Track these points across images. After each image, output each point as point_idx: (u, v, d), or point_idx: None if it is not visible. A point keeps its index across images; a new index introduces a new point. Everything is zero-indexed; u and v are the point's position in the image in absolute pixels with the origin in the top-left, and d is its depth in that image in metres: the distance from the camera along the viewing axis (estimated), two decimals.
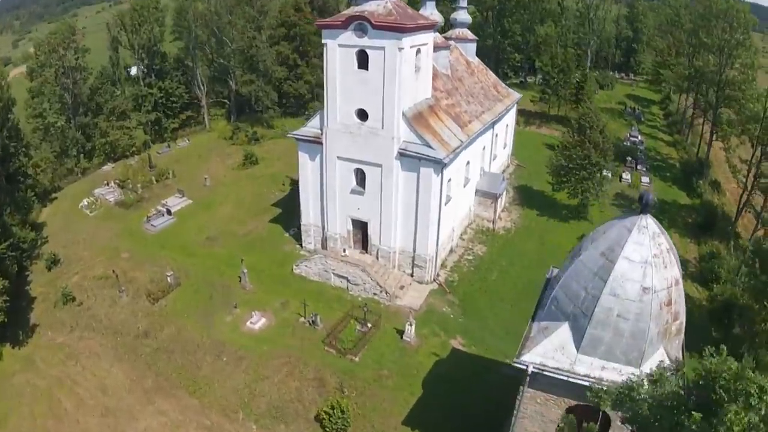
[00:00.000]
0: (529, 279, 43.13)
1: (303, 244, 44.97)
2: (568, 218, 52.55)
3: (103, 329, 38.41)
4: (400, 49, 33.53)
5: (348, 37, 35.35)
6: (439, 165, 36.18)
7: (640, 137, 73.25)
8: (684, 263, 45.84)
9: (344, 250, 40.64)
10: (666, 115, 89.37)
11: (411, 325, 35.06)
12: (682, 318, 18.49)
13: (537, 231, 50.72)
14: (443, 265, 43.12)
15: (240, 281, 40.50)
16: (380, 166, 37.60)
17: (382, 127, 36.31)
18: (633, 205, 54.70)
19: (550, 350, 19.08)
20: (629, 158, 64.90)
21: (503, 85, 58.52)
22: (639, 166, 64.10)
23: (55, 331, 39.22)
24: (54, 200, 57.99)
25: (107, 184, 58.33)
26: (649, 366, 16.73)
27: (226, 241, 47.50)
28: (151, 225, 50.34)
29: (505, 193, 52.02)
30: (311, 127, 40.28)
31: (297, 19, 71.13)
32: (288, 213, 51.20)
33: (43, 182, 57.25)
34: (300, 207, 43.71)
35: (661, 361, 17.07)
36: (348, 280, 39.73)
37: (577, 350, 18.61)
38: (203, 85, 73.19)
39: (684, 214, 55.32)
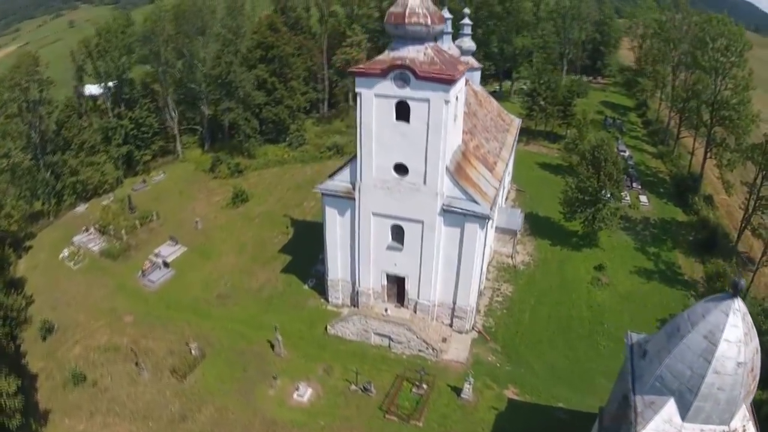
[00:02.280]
0: (559, 316, 46.42)
1: (330, 299, 45.65)
2: (580, 246, 55.69)
3: (129, 414, 37.74)
4: (447, 102, 34.41)
5: (387, 86, 35.29)
6: (484, 220, 37.73)
7: (628, 151, 77.69)
8: (693, 284, 50.49)
9: (386, 310, 41.75)
10: (645, 123, 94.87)
11: (470, 383, 36.66)
12: (758, 376, 22.30)
13: (554, 263, 53.47)
14: (477, 311, 44.84)
15: (273, 348, 40.64)
16: (421, 222, 38.77)
17: (425, 183, 37.30)
18: (639, 226, 58.94)
19: (660, 424, 22.32)
20: (624, 176, 68.72)
21: (505, 111, 60.85)
22: (634, 185, 68.14)
23: (72, 418, 38.28)
24: (29, 249, 55.93)
25: (87, 231, 57.02)
26: (736, 422, 21.88)
27: (241, 298, 47.51)
28: (149, 280, 49.65)
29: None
30: (340, 181, 40.72)
31: (274, 39, 71.02)
32: (300, 261, 51.70)
33: (12, 230, 55.03)
34: (327, 263, 44.24)
35: (745, 416, 22.09)
36: (390, 339, 40.80)
37: (683, 420, 22.12)
38: (174, 112, 71.97)
39: (684, 233, 59.77)
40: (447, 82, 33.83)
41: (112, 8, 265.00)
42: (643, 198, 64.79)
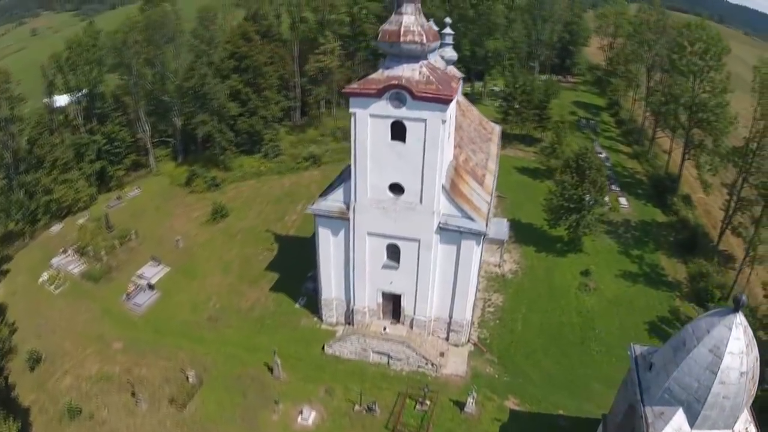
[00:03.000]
0: (551, 324, 48.39)
1: (324, 318, 46.36)
2: (565, 252, 57.79)
3: None
4: (444, 121, 35.33)
5: (382, 106, 35.76)
6: (480, 236, 39.09)
7: (604, 153, 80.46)
8: (677, 285, 53.09)
9: (384, 328, 42.72)
10: (618, 123, 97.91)
11: (474, 397, 38.09)
12: (758, 381, 24.71)
13: (541, 270, 55.38)
14: (471, 322, 46.23)
15: (272, 371, 41.18)
16: (418, 240, 39.78)
17: (421, 202, 38.26)
18: (620, 229, 61.36)
19: (670, 430, 24.47)
20: (607, 182, 70.98)
21: (485, 119, 62.49)
22: (613, 186, 70.76)
23: None
24: (6, 273, 55.01)
25: (65, 252, 56.49)
26: (739, 425, 24.51)
27: (232, 319, 47.88)
28: (135, 304, 49.59)
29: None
30: (334, 201, 41.19)
31: (247, 49, 71.12)
32: (288, 278, 52.27)
33: None
34: (320, 282, 44.78)
35: (747, 419, 25.00)
36: (389, 356, 41.87)
37: (691, 428, 24.43)
38: (147, 125, 71.54)
39: (665, 233, 62.60)
40: (444, 102, 34.70)
41: (73, 15, 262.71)
42: (623, 200, 67.47)
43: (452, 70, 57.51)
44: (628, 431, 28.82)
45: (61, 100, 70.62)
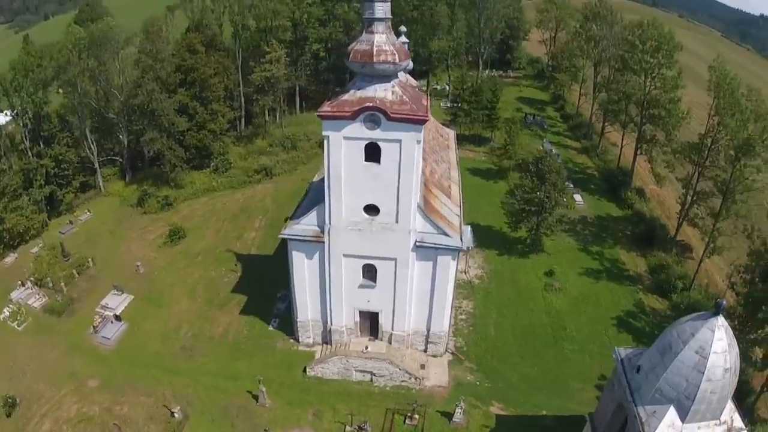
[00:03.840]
0: (522, 327, 50.90)
1: (300, 339, 46.93)
2: (527, 253, 60.43)
3: None
4: (419, 141, 36.54)
5: (356, 128, 36.20)
6: (457, 251, 40.79)
7: (554, 150, 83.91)
8: (639, 278, 56.74)
9: (366, 347, 43.76)
10: (564, 117, 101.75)
11: (462, 407, 39.97)
12: (738, 373, 27.43)
13: (506, 273, 57.78)
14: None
15: (257, 399, 41.65)
16: (394, 259, 40.89)
17: (397, 221, 39.30)
18: (578, 227, 64.68)
19: (664, 429, 27.08)
20: (567, 184, 73.09)
21: (440, 125, 64.44)
22: (567, 183, 74.10)
23: None
24: None
25: (23, 285, 54.92)
26: (725, 415, 27.43)
27: (207, 348, 47.85)
28: (103, 337, 48.81)
29: None
30: (307, 225, 41.32)
31: (193, 62, 70.35)
32: (257, 300, 52.58)
33: None
34: (295, 305, 45.14)
35: (731, 408, 27.85)
36: (372, 374, 43.10)
37: (683, 422, 27.04)
38: (93, 144, 69.85)
39: (621, 228, 66.46)
40: (418, 122, 35.74)
41: (7, 27, 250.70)
42: (578, 197, 70.66)
43: (409, 79, 59.04)
44: (617, 429, 31.63)
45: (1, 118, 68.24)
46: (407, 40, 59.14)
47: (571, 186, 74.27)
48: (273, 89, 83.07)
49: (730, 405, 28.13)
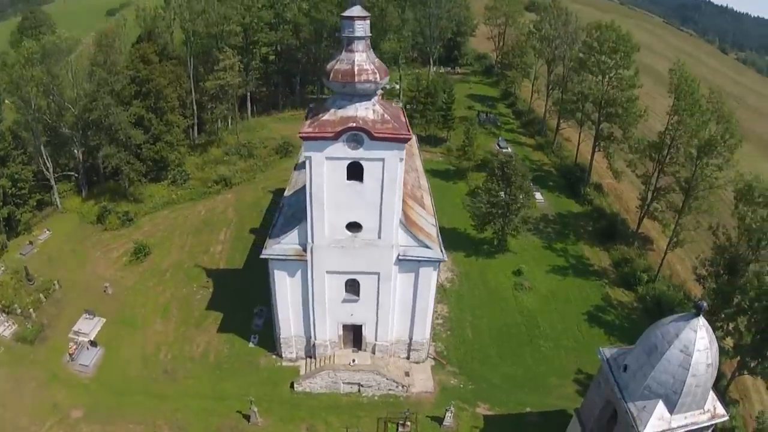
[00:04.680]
0: (498, 327, 53.36)
1: (283, 355, 47.52)
2: (493, 253, 62.90)
3: None
4: (401, 159, 37.57)
5: (339, 148, 36.70)
6: (438, 262, 42.38)
7: (510, 148, 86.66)
8: (604, 272, 59.95)
9: (353, 360, 44.93)
10: (517, 114, 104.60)
11: (452, 411, 41.87)
12: (717, 365, 30.74)
13: (475, 274, 60.04)
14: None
15: (249, 419, 42.10)
16: (377, 273, 42.04)
17: (379, 237, 40.36)
18: (541, 224, 67.45)
19: (655, 422, 30.09)
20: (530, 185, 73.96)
21: None
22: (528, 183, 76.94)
23: None
24: None
25: None
26: (708, 404, 30.69)
27: (189, 369, 47.66)
28: (81, 365, 47.76)
29: None
30: (288, 244, 41.70)
31: (148, 73, 69.14)
32: (233, 316, 52.73)
33: None
34: (278, 322, 45.59)
35: (713, 397, 31.20)
36: (360, 385, 44.31)
37: (671, 414, 30.15)
38: (48, 160, 67.79)
39: (582, 223, 69.84)
40: (401, 141, 36.85)
41: None
42: (538, 195, 73.46)
43: None
44: (604, 423, 34.48)
45: None
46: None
47: (532, 184, 77.15)
48: (227, 97, 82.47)
49: (711, 394, 31.32)
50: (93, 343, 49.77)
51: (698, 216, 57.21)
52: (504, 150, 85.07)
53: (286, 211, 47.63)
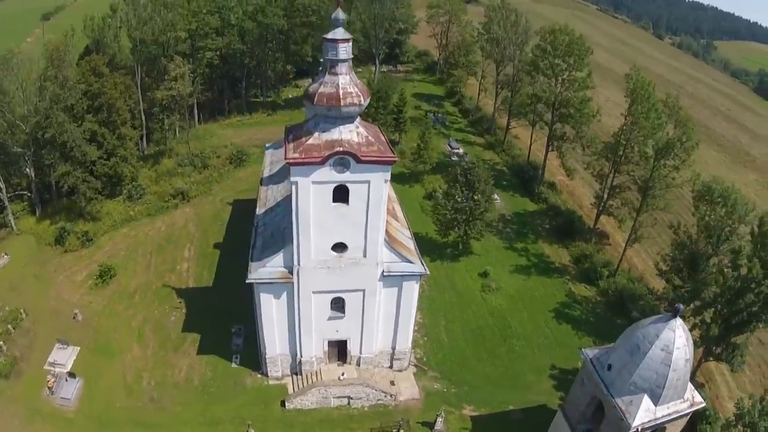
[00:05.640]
0: (471, 330, 55.99)
1: (269, 374, 48.17)
2: (457, 256, 65.26)
3: None
4: (386, 181, 38.91)
5: (325, 172, 37.57)
6: (419, 276, 44.26)
7: (462, 149, 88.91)
8: (565, 269, 63.31)
9: (343, 374, 46.42)
10: (463, 113, 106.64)
11: (443, 417, 44.06)
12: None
13: (442, 279, 62.32)
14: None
15: None
16: (362, 290, 43.60)
17: (365, 256, 41.81)
18: (500, 225, 70.14)
19: (643, 413, 33.66)
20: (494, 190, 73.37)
21: None
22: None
23: None
24: None
25: None
26: (687, 393, 34.73)
27: (175, 395, 47.51)
28: (62, 398, 46.76)
29: None
30: (273, 267, 42.31)
31: (100, 86, 67.10)
32: (211, 337, 52.78)
33: None
34: (264, 342, 46.30)
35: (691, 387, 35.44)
36: (350, 398, 45.69)
37: (656, 406, 33.78)
38: (0, 180, 65.02)
39: (539, 222, 73.20)
40: (387, 163, 38.16)
41: None
42: (494, 195, 76.07)
43: None
44: (589, 416, 37.68)
45: None
46: None
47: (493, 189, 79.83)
48: (178, 107, 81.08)
49: (689, 385, 35.34)
50: (71, 375, 48.83)
51: (655, 213, 61.21)
52: (456, 150, 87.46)
53: (263, 231, 48.18)
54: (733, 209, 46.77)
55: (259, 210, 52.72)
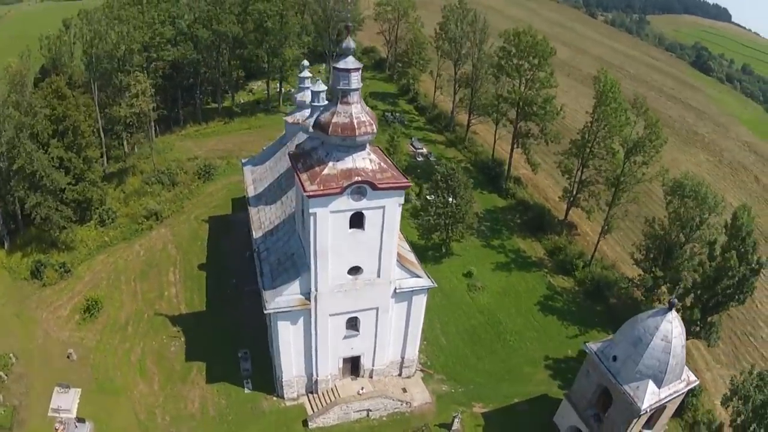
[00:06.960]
0: (466, 330, 59.24)
1: (285, 396, 49.47)
2: (439, 258, 68.16)
3: None
4: (400, 205, 40.93)
5: (343, 202, 38.99)
6: (428, 289, 46.67)
7: (425, 148, 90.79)
8: (541, 262, 67.02)
9: (362, 388, 48.64)
10: (420, 110, 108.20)
11: (459, 418, 47.32)
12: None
13: None
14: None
15: None
16: (376, 308, 45.90)
17: (379, 276, 44.04)
18: (473, 224, 72.78)
19: (649, 396, 38.72)
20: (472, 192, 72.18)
21: None
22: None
23: None
24: None
25: None
26: (684, 374, 40.29)
27: (194, 429, 47.51)
28: None
29: None
30: (290, 295, 43.58)
31: (64, 109, 65.09)
32: (218, 364, 53.07)
33: None
34: (280, 366, 47.52)
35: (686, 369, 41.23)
36: (369, 410, 47.74)
37: (659, 388, 38.98)
38: None
39: (511, 217, 76.88)
40: (402, 188, 40.15)
41: None
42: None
43: None
44: (609, 404, 41.48)
45: None
46: (309, 75, 63.48)
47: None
48: (141, 124, 79.32)
49: (685, 367, 40.94)
50: (80, 420, 47.89)
51: (626, 205, 65.63)
52: (419, 150, 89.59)
53: (267, 256, 49.05)
54: (704, 202, 51.27)
55: (256, 234, 53.51)
